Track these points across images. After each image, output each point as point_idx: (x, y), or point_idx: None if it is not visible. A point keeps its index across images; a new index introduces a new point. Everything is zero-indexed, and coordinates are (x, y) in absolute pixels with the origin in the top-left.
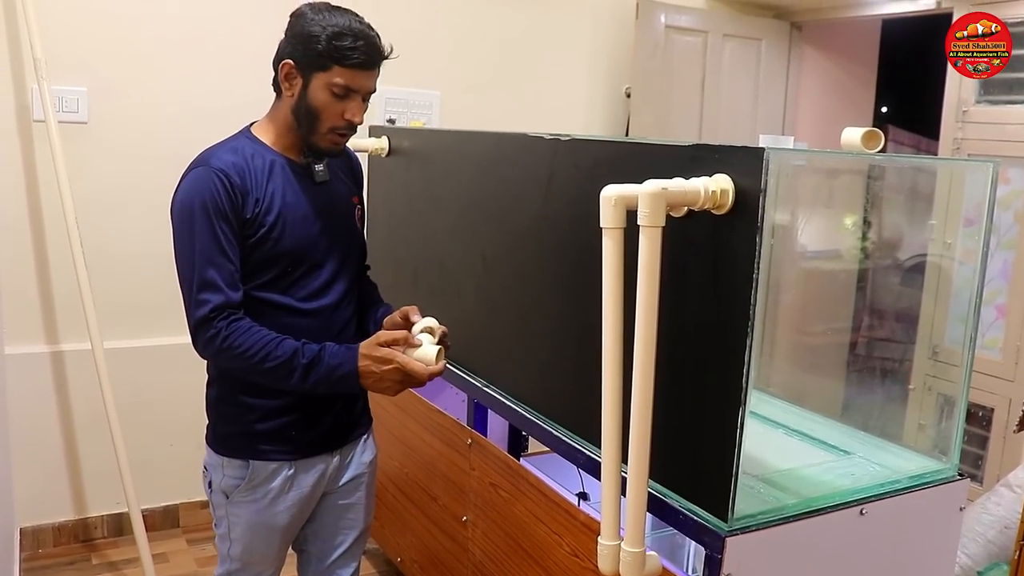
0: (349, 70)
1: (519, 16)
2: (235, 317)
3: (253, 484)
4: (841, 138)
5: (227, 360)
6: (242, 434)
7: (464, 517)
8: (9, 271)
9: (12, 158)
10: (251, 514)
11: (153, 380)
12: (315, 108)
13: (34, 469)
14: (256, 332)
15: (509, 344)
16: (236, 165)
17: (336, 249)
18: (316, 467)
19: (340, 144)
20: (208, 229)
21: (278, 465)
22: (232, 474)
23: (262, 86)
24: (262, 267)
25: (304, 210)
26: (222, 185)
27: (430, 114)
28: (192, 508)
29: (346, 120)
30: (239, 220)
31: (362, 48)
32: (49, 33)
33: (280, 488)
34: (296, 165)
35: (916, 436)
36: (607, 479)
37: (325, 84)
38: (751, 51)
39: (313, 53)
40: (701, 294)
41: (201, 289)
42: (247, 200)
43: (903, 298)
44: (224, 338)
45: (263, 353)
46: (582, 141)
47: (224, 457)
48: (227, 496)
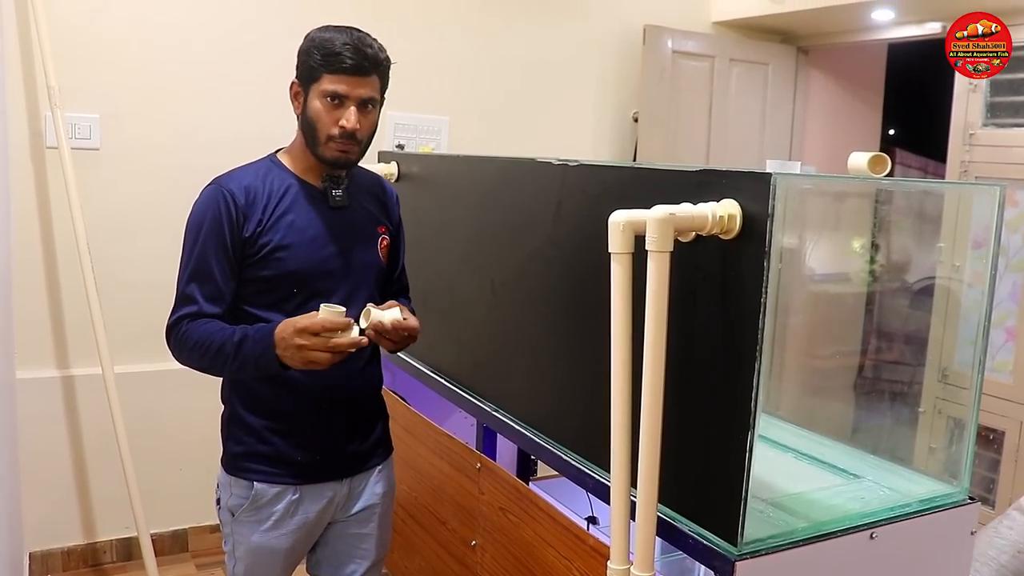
0: (337, 76)
1: (527, 42)
2: (200, 320)
3: (257, 505)
4: (848, 163)
5: (185, 356)
6: (247, 455)
7: (473, 541)
8: (21, 296)
9: (26, 184)
10: (254, 535)
11: (163, 405)
12: (312, 119)
13: (43, 493)
14: (205, 325)
15: (518, 368)
16: (247, 187)
17: (350, 275)
18: (323, 494)
19: (345, 155)
20: (202, 245)
21: (282, 489)
22: (238, 493)
23: (271, 114)
24: (268, 287)
25: (315, 233)
26: (225, 204)
27: (439, 139)
28: (201, 533)
29: (340, 127)
30: (238, 239)
31: (348, 54)
32: (63, 61)
33: (284, 512)
34: (313, 189)
35: (926, 459)
36: (616, 503)
37: (319, 93)
38: (758, 76)
39: (307, 66)
40: (709, 318)
41: (180, 302)
42: (249, 220)
43: (912, 321)
44: (182, 334)
45: (205, 344)
46: (590, 166)
47: (232, 477)
48: (232, 515)
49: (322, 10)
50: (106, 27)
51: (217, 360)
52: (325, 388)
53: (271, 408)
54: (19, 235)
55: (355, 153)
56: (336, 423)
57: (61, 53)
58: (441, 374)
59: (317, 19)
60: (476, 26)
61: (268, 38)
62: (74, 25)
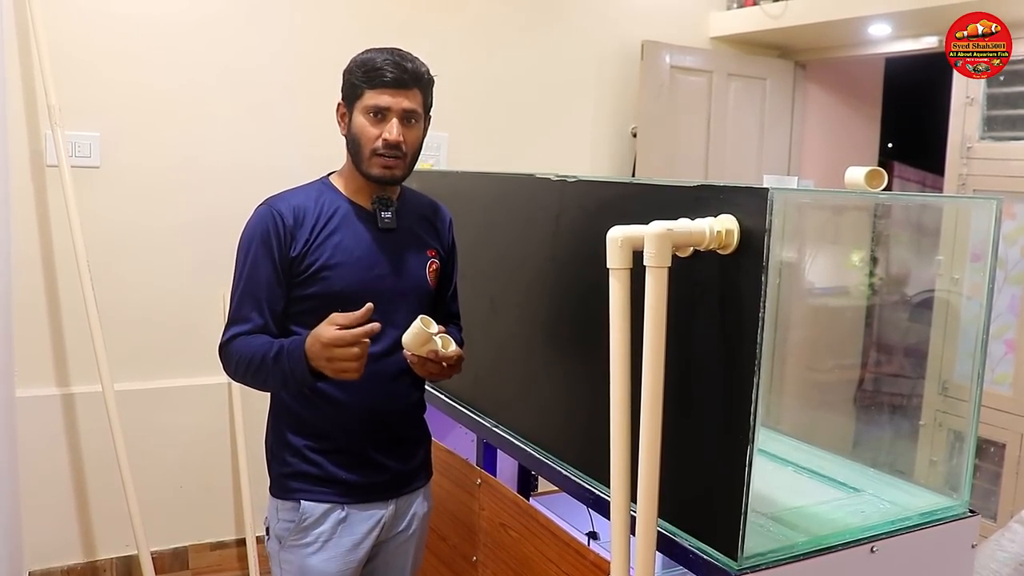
0: (378, 90)
1: (526, 58)
2: (249, 336)
3: (303, 527)
4: (845, 177)
5: (232, 372)
6: (293, 475)
7: (474, 557)
8: (21, 314)
9: (26, 202)
10: (301, 559)
11: (163, 422)
12: (356, 134)
13: (43, 511)
14: (251, 340)
15: (518, 384)
16: (297, 207)
17: (396, 296)
18: (371, 514)
19: (390, 171)
20: (252, 265)
21: (329, 507)
22: (285, 517)
23: (270, 138)
24: (315, 306)
25: (362, 254)
26: (274, 223)
27: (438, 156)
28: (201, 550)
29: (383, 140)
30: (286, 258)
31: (389, 68)
32: (63, 80)
33: (331, 532)
34: (363, 211)
35: (927, 472)
36: (616, 518)
37: (362, 109)
38: (756, 90)
39: (349, 84)
40: (708, 333)
41: (232, 322)
42: (296, 240)
43: (911, 334)
44: (230, 352)
45: (247, 359)
46: (589, 182)
47: (279, 500)
48: (280, 542)
49: (323, 33)
50: (106, 46)
51: (260, 375)
52: (368, 409)
53: (315, 429)
54: (19, 253)
55: (401, 168)
56: (380, 444)
57: (61, 71)
58: (441, 390)
59: (318, 41)
60: (475, 42)
61: (269, 63)
62: (74, 43)
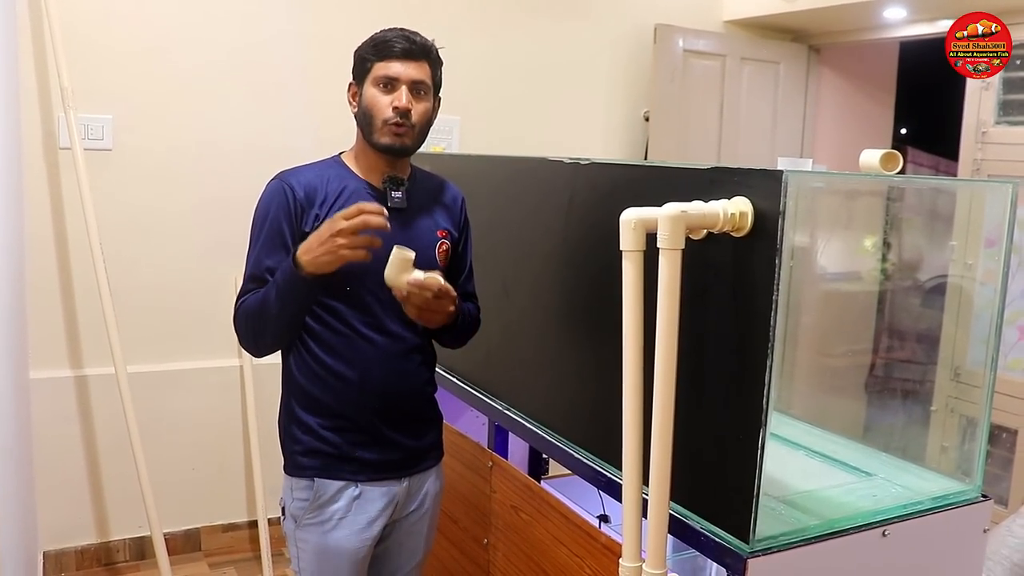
0: (387, 61)
1: (538, 42)
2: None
3: (319, 503)
4: (859, 160)
5: (242, 330)
6: (306, 452)
7: (485, 540)
8: (35, 296)
9: (39, 185)
10: (317, 538)
11: (176, 404)
12: (367, 106)
13: (57, 493)
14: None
15: (530, 367)
16: (307, 182)
17: None
18: (385, 492)
19: (400, 139)
20: (266, 235)
21: (344, 484)
22: (300, 496)
23: (283, 120)
24: (323, 283)
25: (370, 231)
26: (285, 197)
27: (450, 139)
28: (214, 532)
29: (393, 108)
30: (297, 231)
31: (396, 40)
32: (76, 62)
33: (346, 509)
34: (373, 189)
35: (939, 457)
36: (628, 501)
37: (372, 81)
38: (769, 74)
39: (360, 60)
40: (721, 316)
41: (246, 286)
42: (307, 214)
43: (924, 319)
44: (239, 310)
45: (252, 305)
46: (601, 165)
47: (293, 479)
48: (296, 522)
49: (334, 14)
50: (119, 29)
51: (264, 312)
52: (379, 387)
53: (327, 408)
54: (32, 235)
55: (410, 137)
56: (392, 422)
57: (74, 54)
58: (453, 373)
59: (329, 23)
60: (487, 26)
61: (281, 44)
62: (87, 26)
